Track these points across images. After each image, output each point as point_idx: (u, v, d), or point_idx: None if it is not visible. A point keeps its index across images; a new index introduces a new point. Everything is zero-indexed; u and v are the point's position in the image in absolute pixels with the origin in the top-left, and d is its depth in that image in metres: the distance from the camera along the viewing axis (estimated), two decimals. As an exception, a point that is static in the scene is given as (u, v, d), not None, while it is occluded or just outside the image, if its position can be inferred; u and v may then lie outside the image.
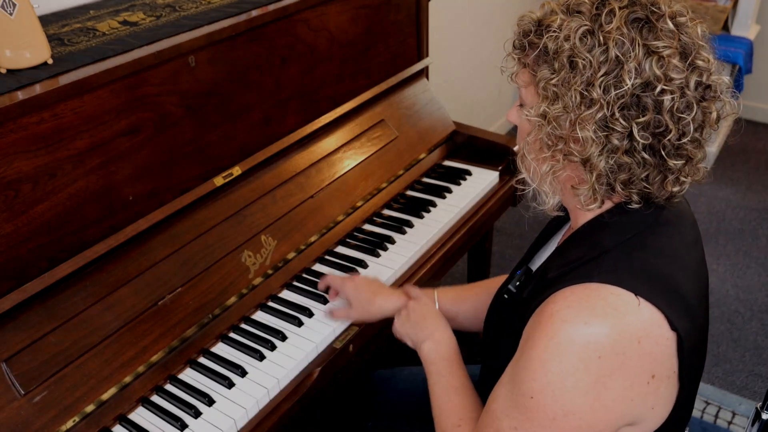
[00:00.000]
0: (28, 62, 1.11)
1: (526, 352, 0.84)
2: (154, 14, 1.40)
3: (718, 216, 3.01)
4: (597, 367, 0.79)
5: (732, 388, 2.16)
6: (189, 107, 1.30)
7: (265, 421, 1.16)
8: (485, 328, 1.13)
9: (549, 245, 1.09)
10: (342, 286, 1.33)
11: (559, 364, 0.80)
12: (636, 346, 0.80)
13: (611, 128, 0.81)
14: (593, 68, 0.81)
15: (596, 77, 0.80)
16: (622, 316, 0.80)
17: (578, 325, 0.79)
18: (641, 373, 0.81)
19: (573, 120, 0.83)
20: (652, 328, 0.81)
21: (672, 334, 0.82)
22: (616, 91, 0.80)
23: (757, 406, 1.21)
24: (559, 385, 0.80)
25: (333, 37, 1.60)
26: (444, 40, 2.75)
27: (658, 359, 0.82)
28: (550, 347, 0.81)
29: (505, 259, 2.76)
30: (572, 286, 0.83)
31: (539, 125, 0.87)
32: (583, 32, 0.81)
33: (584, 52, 0.81)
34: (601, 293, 0.81)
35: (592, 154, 0.83)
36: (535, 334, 0.83)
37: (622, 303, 0.80)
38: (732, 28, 3.23)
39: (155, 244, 1.26)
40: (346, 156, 1.65)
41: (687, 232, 0.93)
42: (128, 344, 1.17)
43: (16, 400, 1.04)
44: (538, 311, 0.85)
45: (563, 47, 0.82)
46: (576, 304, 0.81)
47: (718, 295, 2.54)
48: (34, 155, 1.07)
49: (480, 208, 1.73)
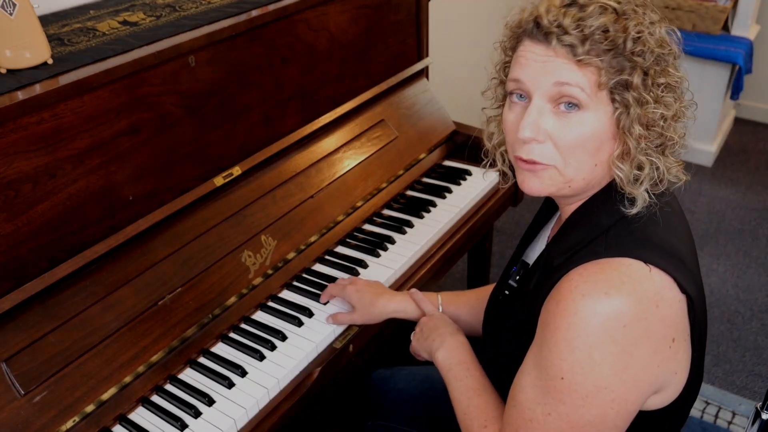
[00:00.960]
0: (28, 62, 1.11)
1: (548, 334, 0.84)
2: (154, 14, 1.40)
3: (718, 216, 3.01)
4: (623, 337, 0.80)
5: (732, 388, 2.16)
6: (189, 107, 1.30)
7: (265, 421, 1.16)
8: (484, 330, 1.12)
9: (539, 238, 1.09)
10: (343, 291, 1.33)
11: (586, 339, 0.80)
12: (655, 310, 0.81)
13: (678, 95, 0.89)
14: (672, 55, 0.87)
15: (670, 63, 0.87)
16: (638, 284, 0.81)
17: (599, 296, 0.80)
18: (663, 338, 0.83)
19: (667, 116, 0.87)
20: (665, 292, 0.83)
21: (682, 296, 0.84)
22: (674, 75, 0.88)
23: (757, 406, 1.21)
24: (588, 361, 0.80)
25: (333, 37, 1.60)
26: (444, 40, 2.75)
27: (675, 322, 0.84)
28: (574, 324, 0.81)
29: (505, 259, 2.76)
30: (583, 264, 0.84)
31: (628, 130, 0.86)
32: (658, 23, 0.87)
33: (666, 45, 0.87)
34: (612, 265, 0.82)
35: (676, 127, 0.89)
36: (556, 316, 0.83)
37: (635, 271, 0.82)
38: (732, 28, 3.22)
39: (155, 244, 1.26)
40: (346, 156, 1.65)
41: (674, 204, 0.95)
42: (128, 344, 1.17)
43: (16, 400, 1.04)
44: (553, 293, 0.85)
45: (648, 43, 0.84)
46: (593, 277, 0.82)
47: (718, 295, 2.54)
48: (34, 155, 1.07)
49: (480, 208, 1.73)
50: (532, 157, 0.88)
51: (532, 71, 0.86)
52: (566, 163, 0.88)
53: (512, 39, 0.92)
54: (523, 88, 0.88)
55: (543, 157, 0.88)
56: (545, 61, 0.85)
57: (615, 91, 0.84)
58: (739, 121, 3.82)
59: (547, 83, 0.85)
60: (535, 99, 0.87)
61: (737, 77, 3.19)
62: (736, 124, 3.80)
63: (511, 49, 0.93)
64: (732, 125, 3.77)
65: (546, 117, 0.86)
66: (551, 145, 0.87)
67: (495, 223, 2.03)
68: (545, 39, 0.84)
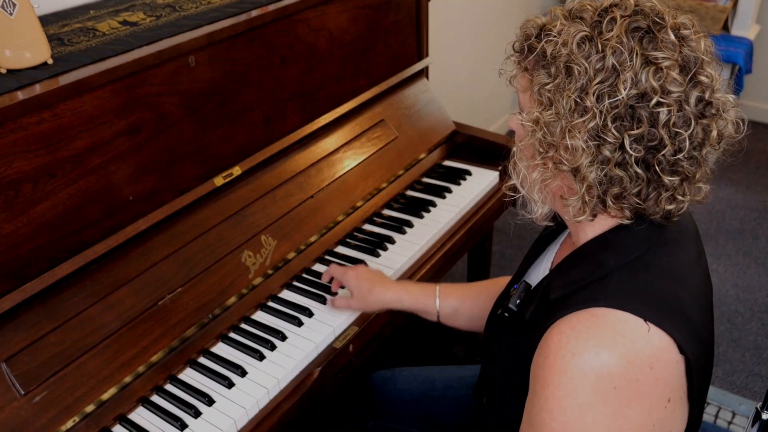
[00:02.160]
0: (28, 62, 1.11)
1: (539, 391, 0.81)
2: (154, 14, 1.39)
3: (718, 216, 3.01)
4: (614, 398, 0.77)
5: (732, 388, 2.16)
6: (189, 107, 1.30)
7: (265, 421, 1.16)
8: (485, 338, 1.11)
9: (544, 257, 1.06)
10: (344, 275, 1.35)
11: (576, 399, 0.77)
12: (648, 372, 0.78)
13: (603, 138, 0.80)
14: (588, 75, 0.79)
15: (591, 85, 0.79)
16: (632, 344, 0.77)
17: (588, 356, 0.77)
18: (657, 399, 0.79)
19: (564, 127, 0.81)
20: (662, 353, 0.79)
21: (680, 357, 0.80)
22: (610, 100, 0.78)
23: (757, 406, 1.21)
24: (579, 422, 0.78)
25: (333, 37, 1.60)
26: (444, 40, 2.75)
27: (671, 383, 0.80)
28: (563, 383, 0.78)
29: (505, 259, 2.76)
30: (577, 312, 0.81)
31: (532, 131, 0.86)
32: (581, 38, 0.80)
33: (580, 59, 0.79)
34: (608, 320, 0.79)
35: (582, 164, 0.81)
36: (545, 371, 0.80)
37: (631, 329, 0.78)
38: (732, 28, 3.22)
39: (155, 244, 1.26)
40: (346, 156, 1.65)
41: (690, 248, 0.92)
42: (128, 344, 1.17)
43: (16, 400, 1.04)
44: (544, 341, 0.83)
45: (560, 52, 0.81)
46: (584, 334, 0.79)
47: (718, 295, 2.54)
48: (34, 155, 1.07)
49: (480, 208, 1.73)
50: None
51: None
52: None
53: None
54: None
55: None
56: None
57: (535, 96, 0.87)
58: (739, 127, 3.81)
59: None
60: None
61: (737, 77, 3.19)
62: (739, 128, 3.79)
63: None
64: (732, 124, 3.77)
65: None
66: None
67: (495, 223, 2.03)
68: None
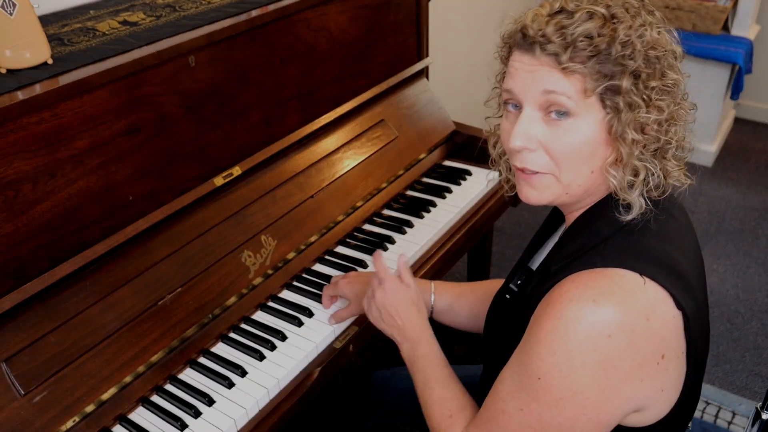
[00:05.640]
0: (28, 62, 1.11)
1: (533, 333, 0.84)
2: (154, 14, 1.39)
3: (718, 216, 3.01)
4: (605, 346, 0.79)
5: (732, 388, 2.16)
6: (189, 107, 1.30)
7: (265, 421, 1.16)
8: (486, 330, 1.12)
9: (547, 245, 1.09)
10: (335, 287, 1.33)
11: (566, 344, 0.80)
12: (644, 323, 0.80)
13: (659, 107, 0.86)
14: (661, 60, 0.85)
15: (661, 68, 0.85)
16: (630, 295, 0.80)
17: (586, 303, 0.80)
18: (651, 353, 0.82)
19: (663, 120, 0.86)
20: (658, 306, 0.82)
21: (678, 312, 0.83)
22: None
23: (757, 406, 1.21)
24: (566, 365, 0.80)
25: (333, 37, 1.60)
26: (444, 40, 2.75)
27: (667, 338, 0.83)
28: (557, 327, 0.81)
29: (505, 259, 2.76)
30: (577, 272, 0.84)
31: (631, 140, 0.85)
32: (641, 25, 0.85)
33: (656, 46, 0.85)
34: (606, 274, 0.82)
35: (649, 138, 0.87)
36: (543, 317, 0.83)
37: (628, 282, 0.81)
38: (732, 28, 3.22)
39: (155, 244, 1.26)
40: (346, 156, 1.65)
41: (680, 217, 0.95)
42: (128, 344, 1.17)
43: (16, 400, 1.04)
44: (546, 298, 0.86)
45: (635, 44, 0.83)
46: (583, 285, 0.82)
47: (718, 295, 2.54)
48: (34, 155, 1.07)
49: (480, 208, 1.73)
50: (525, 166, 0.89)
51: (521, 81, 0.87)
52: (561, 170, 0.88)
53: (504, 49, 0.94)
54: (515, 97, 0.89)
55: (536, 165, 0.88)
56: (532, 71, 0.85)
57: (605, 97, 0.83)
58: (739, 121, 3.82)
59: (536, 92, 0.85)
60: (525, 108, 0.87)
61: (737, 77, 3.19)
62: (736, 124, 3.80)
63: (505, 59, 0.94)
64: (732, 125, 3.77)
65: (536, 125, 0.87)
66: (543, 152, 0.87)
67: (495, 223, 2.04)
68: (531, 48, 0.85)
